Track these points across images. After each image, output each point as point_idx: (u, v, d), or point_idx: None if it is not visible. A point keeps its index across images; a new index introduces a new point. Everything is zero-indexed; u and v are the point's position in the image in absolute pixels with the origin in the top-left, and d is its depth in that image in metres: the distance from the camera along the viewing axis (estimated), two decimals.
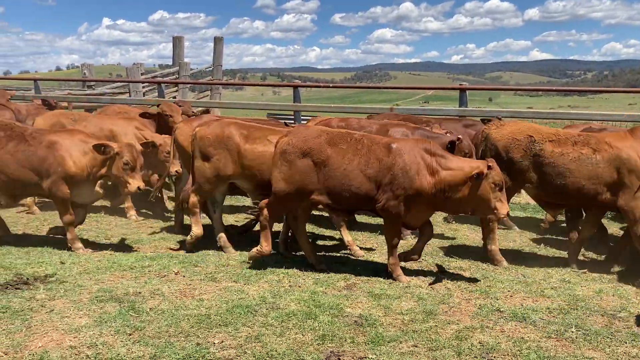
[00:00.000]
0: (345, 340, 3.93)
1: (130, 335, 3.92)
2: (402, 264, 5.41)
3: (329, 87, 12.71)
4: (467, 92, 9.83)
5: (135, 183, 5.81)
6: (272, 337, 3.95)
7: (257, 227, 6.36)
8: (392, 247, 5.31)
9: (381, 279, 5.24)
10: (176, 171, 6.77)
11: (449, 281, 5.23)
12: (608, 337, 4.03)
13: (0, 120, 6.43)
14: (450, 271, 5.57)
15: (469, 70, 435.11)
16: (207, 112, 17.53)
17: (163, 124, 7.91)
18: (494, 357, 3.73)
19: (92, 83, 17.50)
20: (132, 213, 7.53)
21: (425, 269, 5.63)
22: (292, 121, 9.66)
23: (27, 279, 4.97)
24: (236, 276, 5.23)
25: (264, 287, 4.94)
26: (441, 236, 6.97)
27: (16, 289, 4.74)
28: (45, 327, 4.02)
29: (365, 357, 3.69)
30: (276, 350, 3.74)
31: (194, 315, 4.26)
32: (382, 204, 5.11)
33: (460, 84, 10.24)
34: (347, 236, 6.18)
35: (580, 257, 6.01)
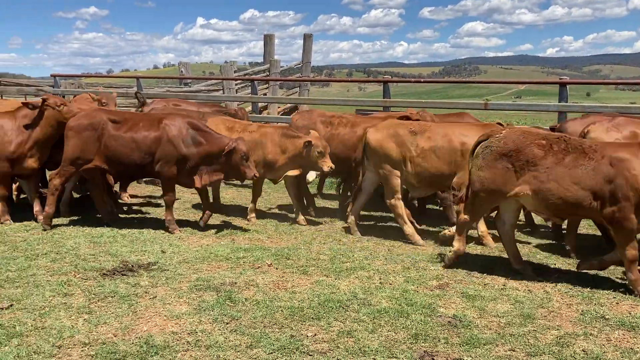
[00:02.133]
0: (439, 340, 3.86)
1: (227, 324, 4.06)
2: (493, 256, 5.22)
3: (420, 82, 12.48)
4: (567, 86, 9.31)
5: None
6: (364, 333, 3.95)
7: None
8: (629, 262, 4.77)
9: (475, 280, 5.10)
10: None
11: (548, 284, 5.00)
12: None
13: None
14: (549, 274, 5.32)
15: (565, 63, 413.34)
16: (295, 108, 17.83)
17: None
18: None
19: (189, 81, 18.27)
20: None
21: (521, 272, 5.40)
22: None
23: (132, 266, 5.27)
24: (327, 271, 5.27)
25: (354, 283, 4.96)
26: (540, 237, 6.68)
27: (122, 275, 5.04)
28: (149, 312, 4.25)
29: (460, 359, 3.61)
30: (368, 347, 3.74)
31: (287, 307, 4.34)
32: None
33: (560, 78, 9.72)
34: (483, 226, 6.27)
35: None
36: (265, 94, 17.66)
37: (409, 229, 6.38)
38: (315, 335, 3.91)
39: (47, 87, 15.25)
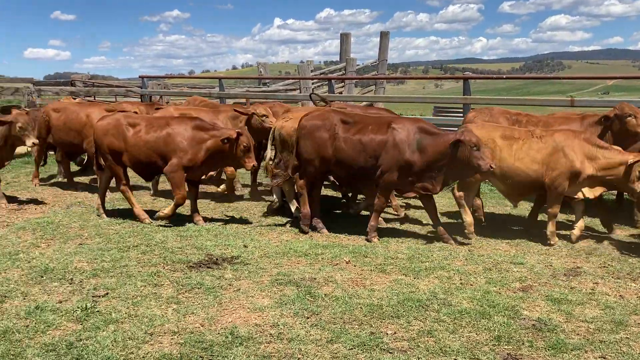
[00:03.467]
0: (523, 343, 3.76)
1: (307, 318, 4.14)
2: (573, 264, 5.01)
3: (502, 78, 12.07)
4: None
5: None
6: (445, 333, 3.92)
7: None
8: None
9: (560, 283, 4.92)
10: None
11: None
12: None
13: None
14: None
15: None
16: (370, 106, 17.77)
17: None
18: None
19: (267, 81, 18.66)
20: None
21: (613, 274, 5.15)
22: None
23: (217, 259, 5.47)
24: (405, 270, 5.25)
25: (434, 283, 4.91)
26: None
27: (207, 267, 5.25)
28: (234, 304, 4.41)
29: None
30: (449, 347, 3.70)
31: (366, 305, 4.37)
32: None
33: None
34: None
35: None
36: (341, 93, 17.75)
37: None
38: (395, 333, 3.91)
39: (135, 87, 16.05)
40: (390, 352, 3.64)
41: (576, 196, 6.15)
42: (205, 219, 7.04)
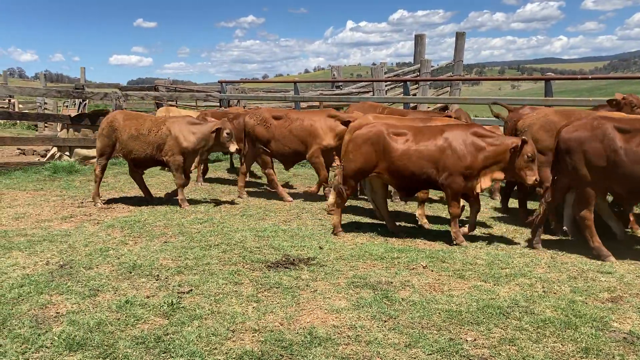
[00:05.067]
0: (614, 357, 3.59)
1: (385, 322, 4.13)
2: None
3: (587, 78, 11.46)
4: None
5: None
6: (528, 342, 3.80)
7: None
8: None
9: None
10: None
11: None
12: None
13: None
14: None
15: None
16: (445, 108, 17.51)
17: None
18: None
19: (340, 83, 18.76)
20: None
21: None
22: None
23: (293, 260, 5.57)
24: (485, 276, 5.13)
25: (515, 290, 4.77)
26: None
27: (285, 268, 5.35)
28: (311, 305, 4.47)
29: None
30: (533, 357, 3.59)
31: (444, 310, 4.31)
32: None
33: None
34: None
35: None
36: (415, 94, 17.57)
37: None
38: (475, 340, 3.84)
39: (214, 92, 16.58)
40: (470, 359, 3.58)
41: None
42: (280, 220, 7.17)
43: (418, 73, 19.03)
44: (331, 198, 7.12)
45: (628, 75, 18.69)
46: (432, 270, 5.31)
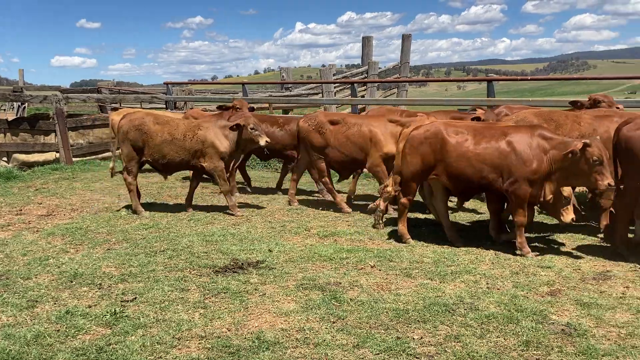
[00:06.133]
0: (552, 349, 3.71)
1: (333, 323, 4.14)
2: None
3: (526, 79, 11.95)
4: None
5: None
6: (472, 338, 3.88)
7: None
8: None
9: (590, 287, 4.84)
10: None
11: None
12: None
13: None
14: None
15: None
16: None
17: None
18: None
19: (289, 85, 18.75)
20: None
21: None
22: None
23: (242, 264, 5.50)
24: (431, 274, 5.22)
25: (460, 287, 4.87)
26: None
27: (233, 272, 5.28)
28: (260, 309, 4.43)
29: None
30: (477, 352, 3.67)
31: (392, 309, 4.35)
32: None
33: None
34: None
35: None
36: (363, 96, 17.74)
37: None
38: (421, 338, 3.89)
39: (160, 94, 16.26)
40: (417, 357, 3.62)
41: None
42: (229, 224, 7.09)
43: (366, 75, 19.23)
44: (381, 204, 6.89)
45: (565, 77, 19.46)
46: (380, 270, 5.36)
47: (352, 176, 8.59)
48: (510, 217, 6.23)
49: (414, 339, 3.88)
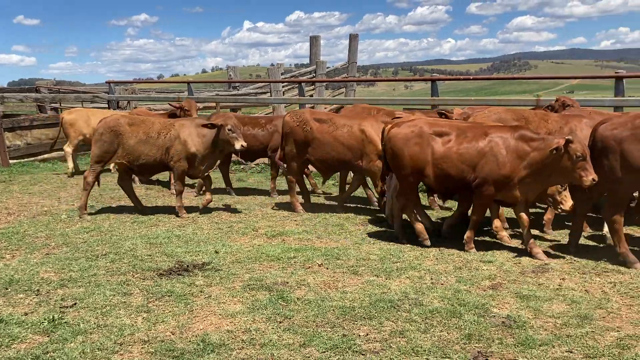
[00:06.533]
0: (493, 340, 3.81)
1: (280, 322, 4.12)
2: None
3: (469, 79, 12.28)
4: (624, 80, 8.98)
5: None
6: (417, 333, 3.94)
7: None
8: None
9: (529, 280, 5.01)
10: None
11: (606, 284, 4.86)
12: None
13: None
14: (607, 274, 5.16)
15: (621, 56, 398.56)
16: (341, 108, 17.81)
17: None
18: None
19: (237, 84, 18.57)
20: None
21: (578, 269, 5.26)
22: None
23: (187, 266, 5.41)
24: (377, 271, 5.28)
25: (405, 283, 4.95)
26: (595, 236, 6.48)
27: (178, 275, 5.19)
28: (205, 311, 4.36)
29: None
30: (421, 347, 3.73)
31: (338, 307, 4.38)
32: None
33: (616, 72, 9.37)
34: None
35: None
36: (311, 95, 17.77)
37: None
38: (367, 334, 3.93)
39: (102, 93, 15.80)
40: (362, 354, 3.65)
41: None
42: (174, 225, 6.96)
43: (314, 74, 19.26)
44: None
45: (508, 76, 20.07)
46: (327, 268, 5.37)
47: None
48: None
49: (359, 335, 3.91)
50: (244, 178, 10.57)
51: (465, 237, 5.95)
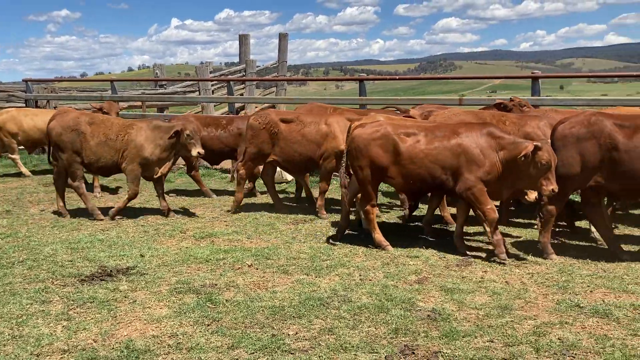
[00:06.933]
0: (419, 334, 3.91)
1: (208, 325, 4.05)
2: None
3: (395, 79, 12.56)
4: (540, 80, 9.47)
5: None
6: (345, 329, 3.98)
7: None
8: None
9: (453, 273, 5.17)
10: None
11: (525, 275, 5.09)
12: None
13: None
14: (526, 265, 5.41)
15: (539, 57, 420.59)
16: (272, 107, 17.75)
17: None
18: (575, 354, 3.60)
19: (164, 82, 18.12)
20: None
21: (499, 263, 5.48)
22: None
23: (111, 271, 5.23)
24: (307, 269, 5.30)
25: (335, 280, 4.99)
26: (515, 229, 6.78)
27: (101, 280, 5.00)
28: (129, 317, 4.22)
29: (440, 352, 3.66)
30: (349, 343, 3.77)
31: (268, 307, 4.35)
32: None
33: (532, 72, 9.86)
34: None
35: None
36: (241, 94, 17.60)
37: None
38: (296, 333, 3.93)
39: (19, 92, 14.99)
40: (291, 353, 3.65)
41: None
42: (98, 229, 6.70)
43: (244, 73, 19.09)
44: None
45: (431, 76, 20.68)
46: (257, 269, 5.34)
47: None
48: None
49: (289, 335, 3.90)
50: (172, 179, 10.32)
51: (493, 241, 5.62)
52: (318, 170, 7.74)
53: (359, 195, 6.23)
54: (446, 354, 3.62)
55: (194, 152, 7.17)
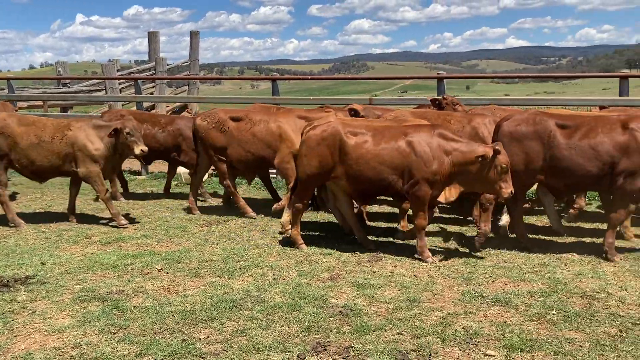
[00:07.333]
0: (331, 330, 3.96)
1: (114, 334, 3.89)
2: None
3: (307, 79, 12.68)
4: (445, 81, 9.88)
5: None
6: (258, 330, 3.96)
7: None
8: None
9: (365, 269, 5.28)
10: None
11: (432, 268, 5.29)
12: (588, 318, 4.12)
13: None
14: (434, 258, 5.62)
15: (446, 59, 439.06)
16: (185, 107, 17.34)
17: None
18: (478, 341, 3.79)
19: (67, 81, 17.23)
20: None
21: (408, 257, 5.66)
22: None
23: (8, 281, 4.90)
24: (220, 271, 5.22)
25: (248, 281, 4.95)
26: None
27: None
28: (28, 329, 3.98)
29: (351, 347, 3.72)
30: (262, 343, 3.75)
31: (178, 312, 4.25)
32: None
33: (437, 73, 10.28)
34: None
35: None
36: (151, 93, 17.06)
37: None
38: (208, 337, 3.86)
39: None
40: (202, 357, 3.58)
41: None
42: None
43: (154, 71, 18.52)
44: (285, 216, 6.26)
45: (344, 77, 21.04)
46: (167, 273, 5.19)
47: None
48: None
49: (200, 339, 3.83)
50: None
51: (417, 247, 5.63)
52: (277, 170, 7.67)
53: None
54: (357, 349, 3.69)
55: (137, 151, 6.84)
